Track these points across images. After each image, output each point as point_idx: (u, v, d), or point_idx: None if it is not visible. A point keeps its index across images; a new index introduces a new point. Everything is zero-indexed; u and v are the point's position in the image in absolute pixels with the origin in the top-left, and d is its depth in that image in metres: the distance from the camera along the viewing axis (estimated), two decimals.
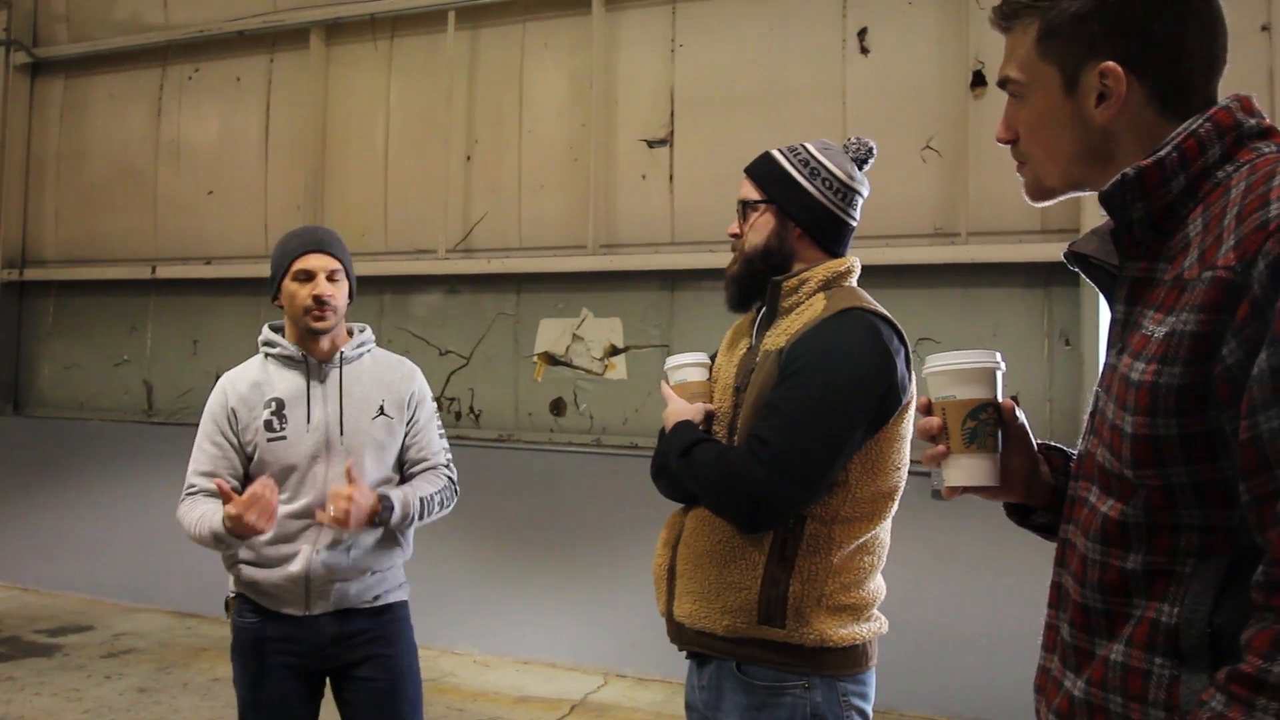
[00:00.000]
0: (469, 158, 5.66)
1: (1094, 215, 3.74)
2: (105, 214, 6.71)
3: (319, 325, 2.37)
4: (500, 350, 5.56)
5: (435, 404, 2.59)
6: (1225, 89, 1.12)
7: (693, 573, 1.79)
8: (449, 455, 2.55)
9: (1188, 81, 1.09)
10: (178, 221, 6.46)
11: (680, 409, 1.88)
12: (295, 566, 2.31)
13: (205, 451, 2.39)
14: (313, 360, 2.42)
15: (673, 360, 1.96)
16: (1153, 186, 1.06)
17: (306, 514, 2.33)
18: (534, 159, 5.53)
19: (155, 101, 6.59)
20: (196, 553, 2.56)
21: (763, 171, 1.91)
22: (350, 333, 2.53)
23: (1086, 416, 1.15)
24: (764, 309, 1.92)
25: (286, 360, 2.43)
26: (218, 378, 2.52)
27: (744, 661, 1.75)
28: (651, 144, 5.26)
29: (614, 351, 5.29)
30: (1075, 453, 1.31)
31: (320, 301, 2.36)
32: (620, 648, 4.88)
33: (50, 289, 6.88)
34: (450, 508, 2.50)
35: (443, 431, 2.57)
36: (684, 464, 1.78)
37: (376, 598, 2.41)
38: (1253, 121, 1.06)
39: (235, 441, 2.38)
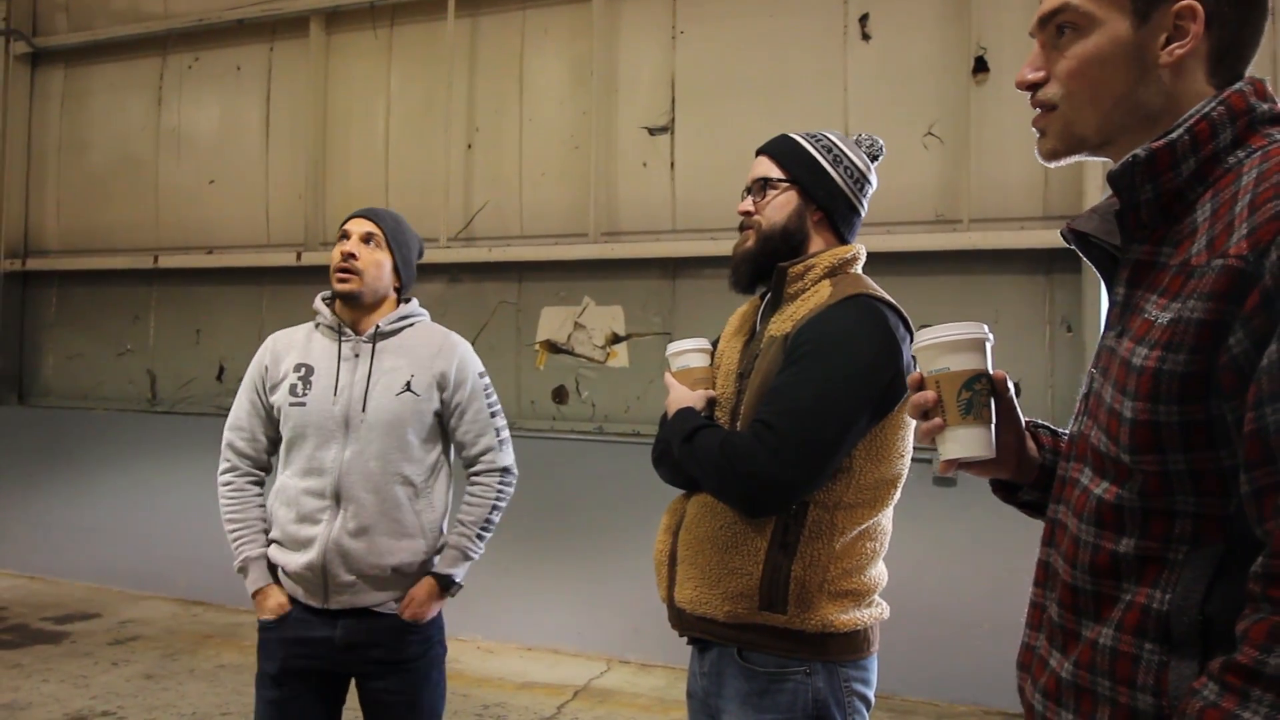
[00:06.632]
0: (470, 146, 5.65)
1: (1096, 200, 3.73)
2: (107, 204, 6.71)
3: (341, 285, 2.33)
4: (502, 338, 5.56)
5: (486, 380, 2.46)
6: None
7: (694, 558, 1.79)
8: (501, 435, 2.43)
9: (1238, 52, 1.08)
10: (179, 211, 6.46)
11: (683, 395, 1.88)
12: (311, 554, 2.25)
13: (241, 405, 2.42)
14: (348, 332, 2.37)
15: (675, 346, 1.95)
16: (1163, 169, 1.04)
17: (322, 494, 2.27)
18: (535, 147, 5.52)
19: (156, 91, 6.58)
20: (201, 541, 2.58)
21: (784, 152, 1.91)
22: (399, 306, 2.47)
23: (1079, 397, 1.15)
24: (769, 295, 1.91)
25: (327, 329, 2.40)
26: (221, 367, 2.53)
27: (745, 648, 1.76)
28: (653, 131, 5.25)
29: (616, 339, 5.30)
30: (1062, 431, 1.30)
31: (345, 256, 2.33)
32: (623, 634, 4.90)
33: (53, 279, 6.88)
34: (506, 504, 2.43)
35: (496, 409, 2.44)
36: (687, 450, 1.78)
37: (396, 599, 2.31)
38: (1265, 106, 1.04)
39: (263, 401, 2.39)
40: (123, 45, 6.64)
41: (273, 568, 2.34)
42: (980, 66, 4.59)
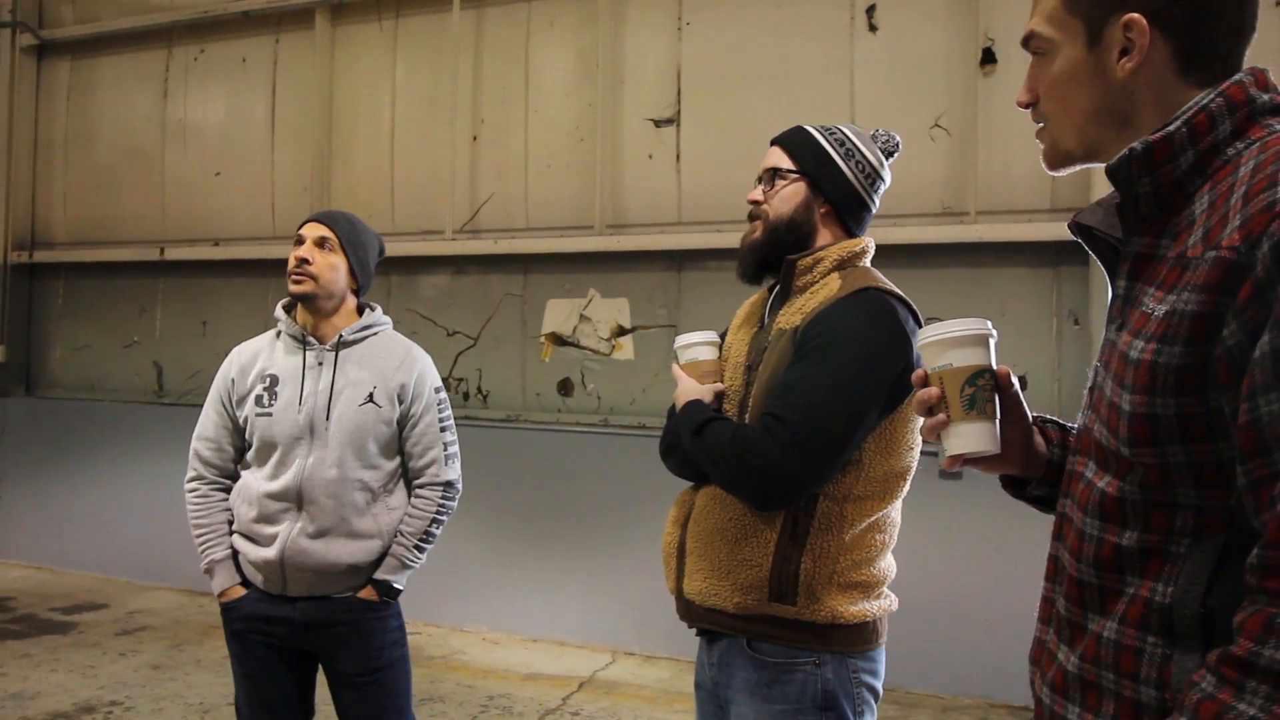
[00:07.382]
0: (475, 138, 5.65)
1: (1104, 193, 3.72)
2: (113, 196, 6.72)
3: (295, 288, 2.38)
4: (508, 331, 5.56)
5: (441, 395, 2.51)
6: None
7: (703, 550, 1.80)
8: (449, 450, 2.48)
9: (1211, 45, 1.07)
10: (185, 203, 6.47)
11: (691, 388, 1.88)
12: (271, 551, 2.34)
13: (209, 416, 2.48)
14: (311, 340, 2.42)
15: (682, 339, 1.95)
16: (1160, 162, 1.04)
17: (284, 496, 2.34)
18: (540, 139, 5.52)
19: (161, 83, 6.58)
20: None
21: (796, 143, 1.91)
22: (362, 311, 2.51)
23: (1085, 391, 1.15)
24: (777, 287, 1.91)
25: (290, 338, 2.45)
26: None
27: (754, 638, 1.76)
28: (658, 123, 5.25)
29: (621, 332, 5.30)
30: (1070, 425, 1.30)
31: (299, 261, 2.37)
32: (628, 626, 4.92)
33: (60, 271, 6.90)
34: (448, 516, 2.47)
35: (447, 423, 2.49)
36: (697, 443, 1.78)
37: (353, 589, 2.40)
38: (1266, 97, 1.04)
39: (230, 413, 2.45)
40: (128, 37, 6.64)
41: (236, 554, 2.43)
42: (988, 58, 4.57)
